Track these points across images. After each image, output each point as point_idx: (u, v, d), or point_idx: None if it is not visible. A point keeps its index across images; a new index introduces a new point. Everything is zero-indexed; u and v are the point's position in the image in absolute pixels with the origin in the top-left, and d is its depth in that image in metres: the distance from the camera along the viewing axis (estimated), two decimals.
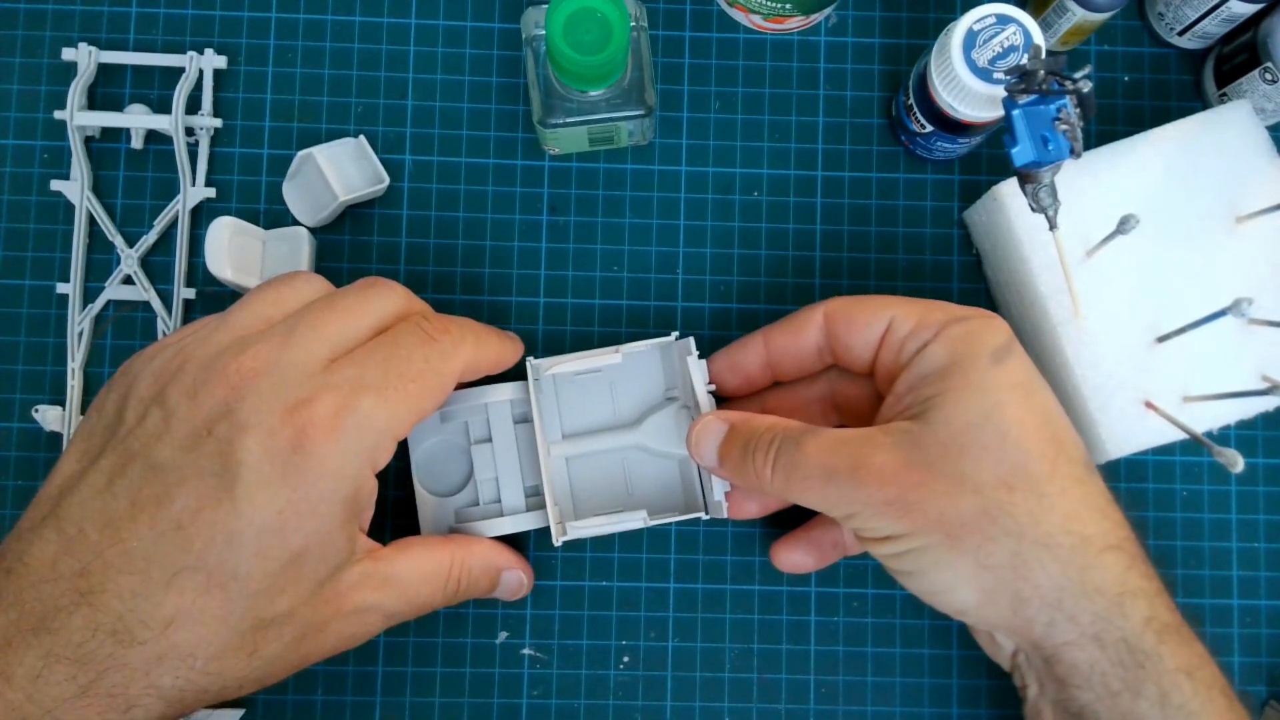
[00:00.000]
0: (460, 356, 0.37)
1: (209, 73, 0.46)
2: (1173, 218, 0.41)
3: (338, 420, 0.33)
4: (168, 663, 0.31)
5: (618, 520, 0.41)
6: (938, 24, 0.47)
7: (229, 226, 0.42)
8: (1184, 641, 0.35)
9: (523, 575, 0.42)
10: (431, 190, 0.46)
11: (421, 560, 0.37)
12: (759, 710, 0.44)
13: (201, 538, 0.32)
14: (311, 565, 0.33)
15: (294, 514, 0.32)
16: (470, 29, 0.47)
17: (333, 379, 0.34)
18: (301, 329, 0.35)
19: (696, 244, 0.46)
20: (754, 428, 0.38)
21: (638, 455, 0.44)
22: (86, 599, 0.31)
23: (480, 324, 0.40)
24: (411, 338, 0.36)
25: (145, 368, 0.35)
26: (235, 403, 0.32)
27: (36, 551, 0.32)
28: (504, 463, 0.43)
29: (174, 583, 0.31)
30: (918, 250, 0.46)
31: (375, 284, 0.37)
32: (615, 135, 0.44)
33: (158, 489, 0.32)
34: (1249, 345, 0.40)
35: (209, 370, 0.33)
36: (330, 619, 0.34)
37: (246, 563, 0.32)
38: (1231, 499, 0.46)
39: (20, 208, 0.45)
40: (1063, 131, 0.36)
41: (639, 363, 0.44)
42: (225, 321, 0.36)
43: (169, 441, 0.32)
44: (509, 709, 0.44)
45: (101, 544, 0.32)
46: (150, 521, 0.32)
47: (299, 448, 0.32)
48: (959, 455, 0.34)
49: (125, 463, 0.33)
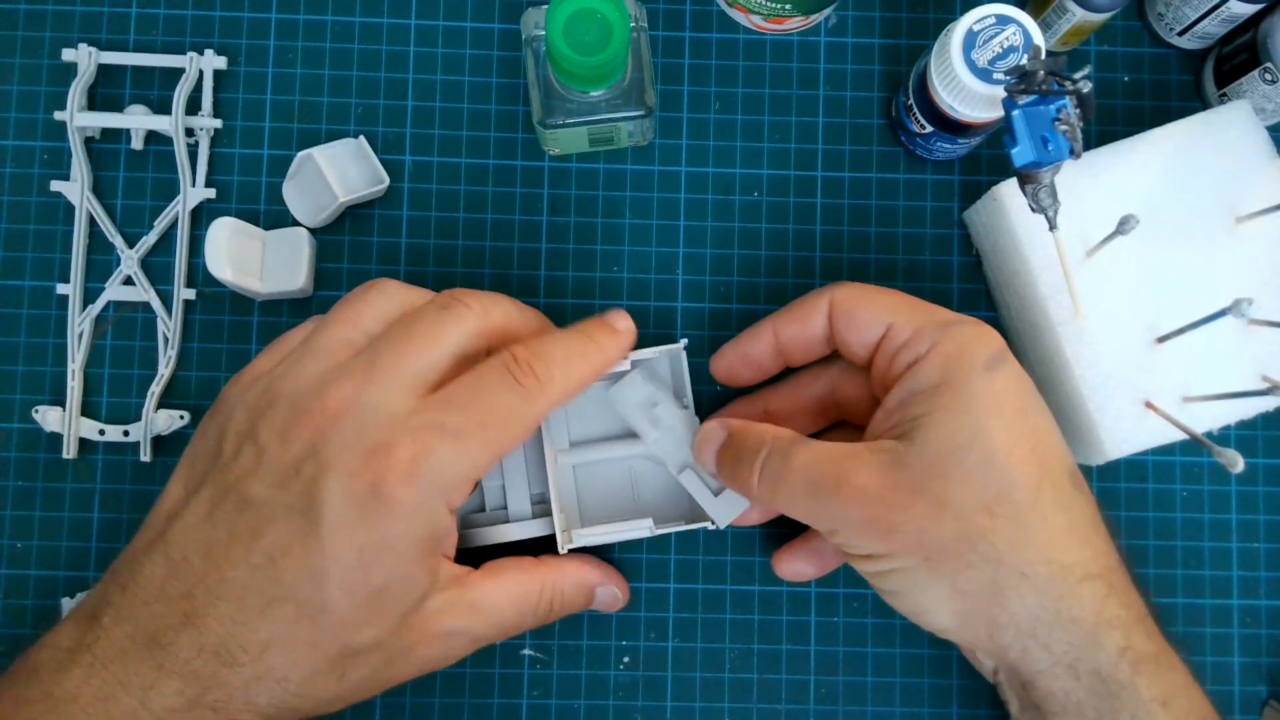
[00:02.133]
0: (547, 398, 0.37)
1: (209, 73, 0.46)
2: (1173, 218, 0.41)
3: (415, 466, 0.33)
4: (264, 683, 0.34)
5: (624, 529, 0.41)
6: (938, 24, 0.47)
7: (229, 227, 0.42)
8: (1162, 670, 0.35)
9: (616, 590, 0.42)
10: (431, 191, 0.46)
11: (510, 585, 0.38)
12: (759, 710, 0.44)
13: (291, 572, 0.33)
14: (394, 599, 0.34)
15: (373, 553, 0.33)
16: (470, 29, 0.47)
17: (413, 422, 0.34)
18: (381, 363, 0.35)
19: (696, 244, 0.46)
20: (746, 436, 0.38)
21: (644, 464, 0.44)
22: (191, 621, 0.33)
23: (577, 339, 0.39)
24: (496, 380, 0.36)
25: (240, 399, 0.36)
26: (320, 444, 0.34)
27: (148, 573, 0.34)
28: (511, 469, 0.43)
29: (268, 611, 0.33)
30: (918, 250, 0.46)
31: (452, 304, 0.37)
32: (615, 136, 0.44)
33: (251, 523, 0.34)
34: (1249, 345, 0.40)
35: (296, 409, 0.35)
36: (415, 644, 0.36)
37: (332, 597, 0.33)
38: (1231, 499, 0.46)
39: (20, 208, 0.45)
40: (1063, 132, 0.36)
41: (648, 371, 0.44)
42: (309, 349, 0.36)
43: (261, 478, 0.34)
44: (509, 709, 0.44)
45: (204, 571, 0.34)
46: (245, 553, 0.34)
47: (377, 492, 0.33)
48: (942, 478, 0.34)
49: (223, 495, 0.35)
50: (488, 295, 0.38)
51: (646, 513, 0.43)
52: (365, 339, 0.37)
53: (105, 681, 0.33)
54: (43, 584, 0.44)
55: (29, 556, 0.44)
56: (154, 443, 0.44)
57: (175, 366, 0.45)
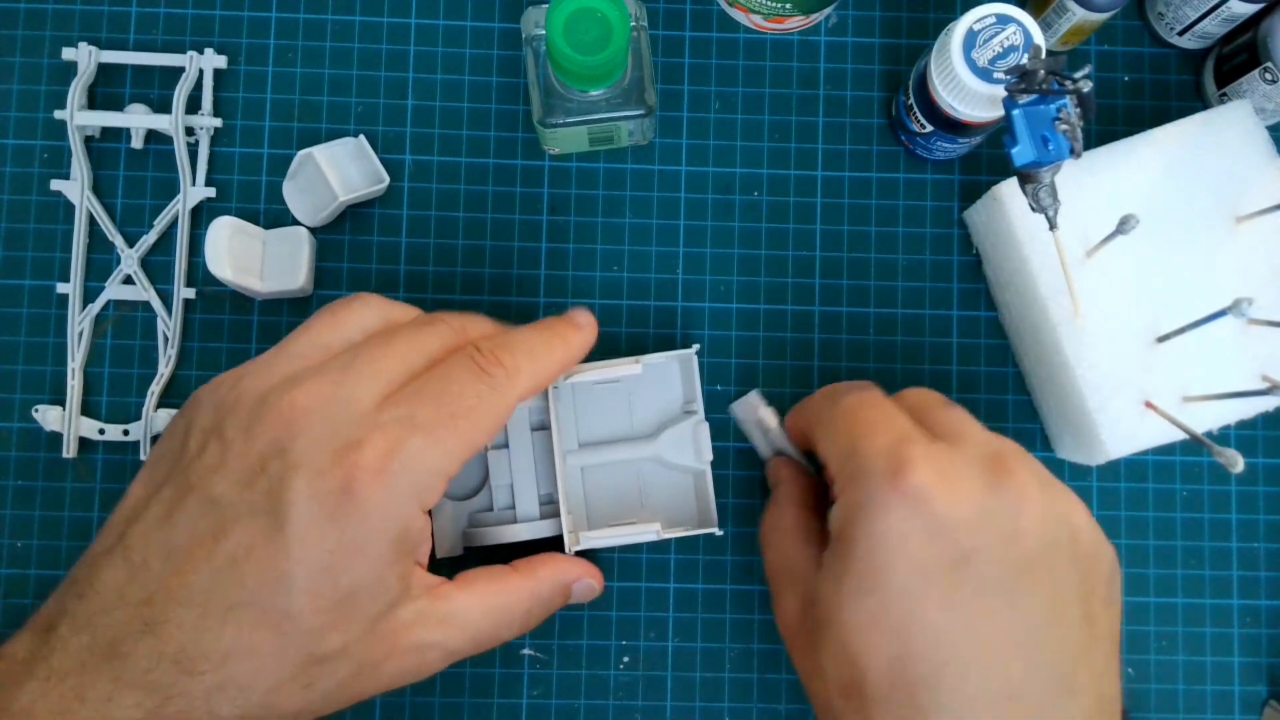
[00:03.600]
0: (515, 388, 0.36)
1: (209, 72, 0.46)
2: (1173, 218, 0.41)
3: (386, 463, 0.33)
4: (226, 693, 0.32)
5: (631, 532, 0.41)
6: (938, 24, 0.47)
7: (229, 226, 0.42)
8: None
9: (593, 581, 0.41)
10: (431, 190, 0.46)
11: (486, 597, 0.37)
12: (759, 710, 0.44)
13: (254, 575, 0.32)
14: (363, 604, 0.33)
15: (343, 555, 0.32)
16: (470, 29, 0.47)
17: (383, 418, 0.33)
18: (357, 365, 0.34)
19: (696, 244, 0.46)
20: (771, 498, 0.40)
21: (653, 467, 0.44)
22: (151, 629, 0.32)
23: (540, 332, 0.38)
24: (463, 372, 0.35)
25: (209, 397, 0.35)
26: (288, 441, 0.33)
27: (106, 578, 0.33)
28: (520, 469, 0.43)
29: (230, 617, 0.32)
30: (918, 250, 0.46)
31: (434, 321, 0.37)
32: (615, 135, 0.44)
33: (213, 524, 0.33)
34: (1249, 345, 0.40)
35: (264, 404, 0.33)
36: (387, 656, 0.34)
37: (298, 601, 0.32)
38: (1231, 499, 0.46)
39: (20, 208, 0.45)
40: (1063, 131, 0.36)
41: (658, 374, 0.44)
42: (284, 350, 0.36)
43: (225, 476, 0.33)
44: (509, 709, 0.44)
45: (163, 575, 0.32)
46: (207, 556, 0.32)
47: (346, 490, 0.32)
48: (820, 642, 0.34)
49: (184, 494, 0.33)
50: (466, 315, 0.38)
51: (653, 516, 0.43)
52: (343, 345, 0.36)
53: (62, 695, 0.31)
54: (43, 583, 0.44)
55: (29, 556, 0.44)
56: (154, 441, 0.44)
57: (175, 366, 0.45)
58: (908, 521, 0.31)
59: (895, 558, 0.31)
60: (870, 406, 0.36)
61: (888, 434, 0.33)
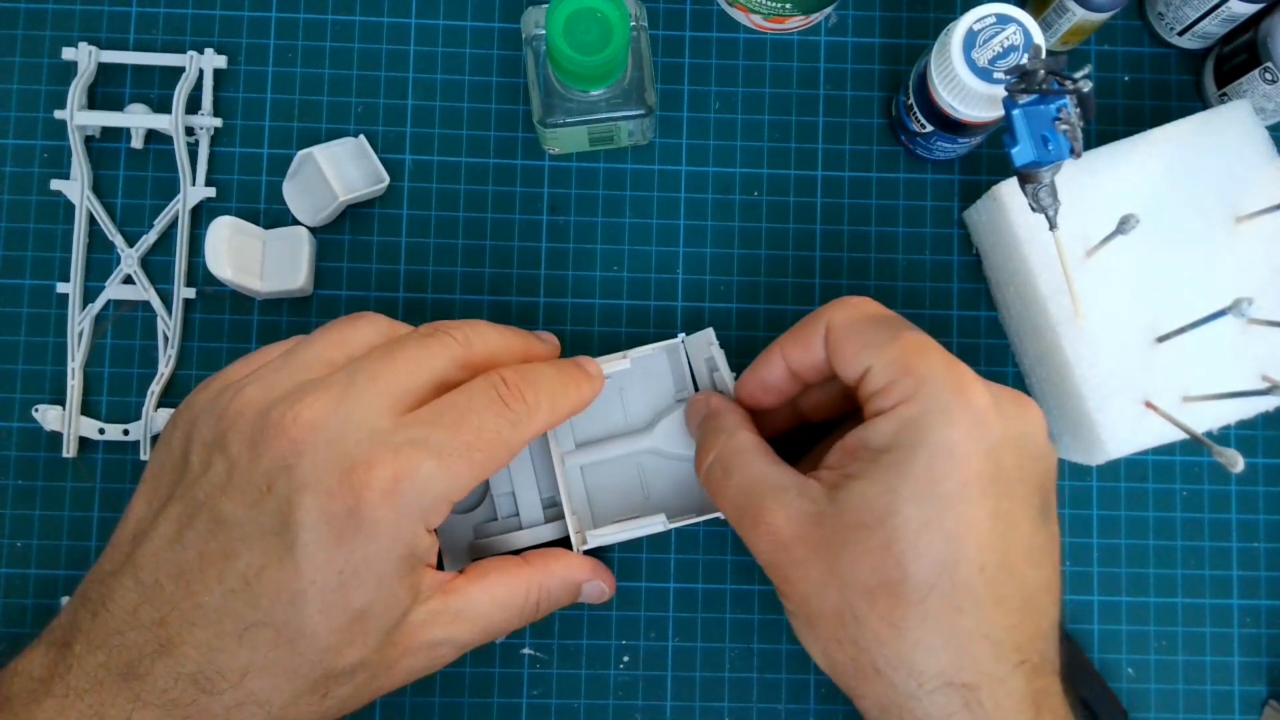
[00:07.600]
0: (533, 426, 0.36)
1: (209, 72, 0.46)
2: (1173, 218, 0.41)
3: (395, 486, 0.32)
4: (245, 709, 0.32)
5: (638, 525, 0.41)
6: (938, 24, 0.47)
7: (229, 226, 0.42)
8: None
9: (603, 585, 0.41)
10: (431, 190, 0.46)
11: (496, 589, 0.37)
12: (759, 710, 0.44)
13: (268, 595, 0.32)
14: (376, 620, 0.33)
15: (353, 574, 0.32)
16: (470, 29, 0.47)
17: (395, 439, 0.33)
18: (360, 380, 0.34)
19: (696, 244, 0.46)
20: (713, 426, 0.39)
21: (652, 459, 0.44)
22: (167, 649, 0.32)
23: (559, 373, 0.38)
24: (486, 402, 0.35)
25: (207, 406, 0.35)
26: (294, 459, 0.32)
27: (118, 598, 0.33)
28: (519, 476, 0.43)
29: (246, 637, 0.32)
30: (918, 250, 0.46)
31: (436, 333, 0.37)
32: (615, 135, 0.44)
33: (224, 544, 0.32)
34: (1249, 345, 0.40)
35: (267, 419, 0.33)
36: (400, 658, 0.35)
37: (311, 620, 0.32)
38: (1231, 499, 0.46)
39: (20, 207, 0.45)
40: (1063, 131, 0.36)
41: (647, 367, 0.44)
42: (286, 361, 0.35)
43: (232, 495, 0.33)
44: (509, 709, 0.44)
45: (176, 596, 0.32)
46: (219, 576, 0.32)
47: (355, 512, 0.32)
48: (842, 548, 0.34)
49: (192, 513, 0.33)
50: (469, 324, 0.38)
51: (657, 508, 0.43)
52: (346, 360, 0.36)
53: (81, 713, 0.32)
54: (42, 583, 0.44)
55: (29, 555, 0.44)
56: (154, 442, 0.44)
57: (175, 365, 0.45)
58: (970, 436, 0.33)
59: (957, 468, 0.33)
60: (917, 331, 0.37)
61: (941, 355, 0.35)
